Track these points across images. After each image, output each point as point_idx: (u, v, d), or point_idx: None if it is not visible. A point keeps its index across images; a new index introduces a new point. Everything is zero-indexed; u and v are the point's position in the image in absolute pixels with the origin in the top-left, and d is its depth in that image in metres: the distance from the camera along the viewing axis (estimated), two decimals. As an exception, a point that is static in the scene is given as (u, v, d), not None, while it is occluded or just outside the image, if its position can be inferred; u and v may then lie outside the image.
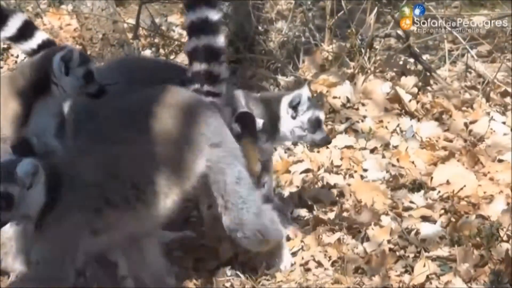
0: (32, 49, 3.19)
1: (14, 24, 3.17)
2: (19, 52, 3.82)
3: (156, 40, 5.06)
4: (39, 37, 3.22)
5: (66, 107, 2.95)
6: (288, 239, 2.93)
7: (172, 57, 4.82)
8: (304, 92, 3.06)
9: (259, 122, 2.97)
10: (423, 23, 4.36)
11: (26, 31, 3.23)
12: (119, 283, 2.73)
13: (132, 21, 5.02)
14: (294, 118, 2.99)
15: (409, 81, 4.23)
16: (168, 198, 2.38)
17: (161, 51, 4.99)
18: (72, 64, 2.77)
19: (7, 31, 3.18)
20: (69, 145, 2.82)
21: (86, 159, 2.42)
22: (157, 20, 5.36)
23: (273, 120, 3.02)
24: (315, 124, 3.03)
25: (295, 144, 3.74)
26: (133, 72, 3.11)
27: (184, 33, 4.64)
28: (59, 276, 2.38)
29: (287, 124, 2.99)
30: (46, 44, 3.18)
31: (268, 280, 2.75)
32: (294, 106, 2.99)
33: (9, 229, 2.83)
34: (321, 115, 3.10)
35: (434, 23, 4.42)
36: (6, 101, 2.83)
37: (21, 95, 2.82)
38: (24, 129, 2.76)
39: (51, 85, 2.81)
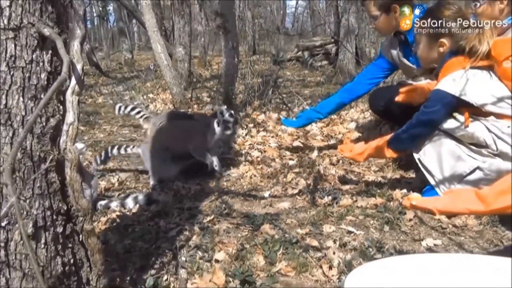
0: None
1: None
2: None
3: (198, 102, 6.21)
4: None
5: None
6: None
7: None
8: (220, 119, 3.44)
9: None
10: (289, 95, 5.65)
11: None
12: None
13: (189, 95, 6.40)
14: (218, 126, 3.44)
15: (283, 113, 5.31)
16: None
17: (195, 106, 6.15)
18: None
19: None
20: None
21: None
22: (198, 95, 6.51)
23: (212, 129, 3.45)
24: (227, 128, 3.45)
25: (245, 135, 4.53)
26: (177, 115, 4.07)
27: (205, 99, 6.43)
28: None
29: (217, 130, 3.46)
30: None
31: (237, 182, 3.37)
32: (218, 122, 3.44)
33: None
34: (230, 124, 3.45)
35: (292, 95, 5.94)
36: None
37: None
38: None
39: None
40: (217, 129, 3.44)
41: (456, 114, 2.52)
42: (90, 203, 1.51)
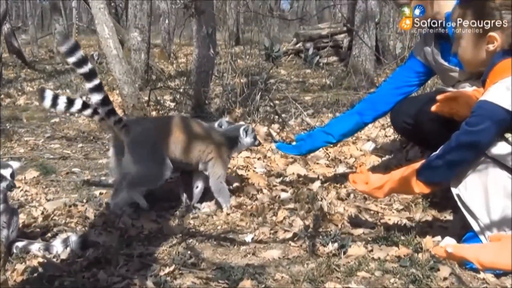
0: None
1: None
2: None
3: (158, 107, 6.57)
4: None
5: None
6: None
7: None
8: (250, 126, 3.82)
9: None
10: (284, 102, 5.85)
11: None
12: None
13: (146, 98, 6.69)
14: (247, 136, 3.75)
15: (275, 126, 5.70)
16: None
17: (154, 113, 6.51)
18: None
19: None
20: None
21: None
22: (158, 98, 6.86)
23: (234, 139, 3.76)
24: (254, 138, 3.80)
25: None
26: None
27: (168, 103, 6.84)
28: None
29: (244, 140, 3.76)
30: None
31: (208, 220, 3.44)
32: (246, 131, 3.76)
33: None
34: (255, 135, 3.86)
35: (287, 102, 6.22)
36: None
37: None
38: None
39: None
40: (245, 139, 3.80)
41: (509, 136, 2.55)
42: (3, 245, 1.50)
